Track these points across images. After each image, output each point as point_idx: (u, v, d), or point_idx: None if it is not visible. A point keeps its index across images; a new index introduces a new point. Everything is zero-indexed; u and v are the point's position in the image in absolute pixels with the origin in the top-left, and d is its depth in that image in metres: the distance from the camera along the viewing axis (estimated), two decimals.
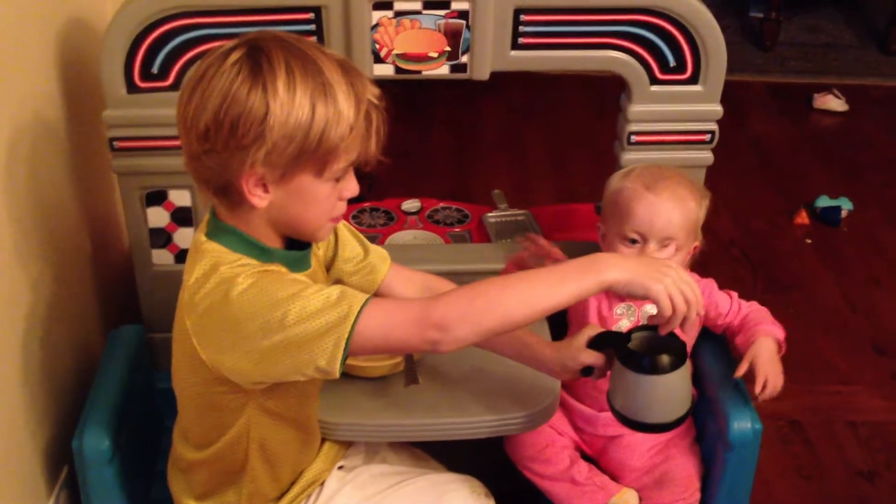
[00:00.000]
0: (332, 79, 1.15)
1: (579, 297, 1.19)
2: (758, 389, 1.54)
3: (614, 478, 1.67)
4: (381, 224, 2.12)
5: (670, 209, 1.54)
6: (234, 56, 1.15)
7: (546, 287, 1.19)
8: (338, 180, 1.21)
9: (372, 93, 1.19)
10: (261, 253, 1.23)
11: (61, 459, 1.69)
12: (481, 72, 1.62)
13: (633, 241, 1.56)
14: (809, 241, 2.94)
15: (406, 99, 3.51)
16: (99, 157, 1.86)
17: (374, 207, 2.19)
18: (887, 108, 3.75)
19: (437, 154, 3.33)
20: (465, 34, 1.58)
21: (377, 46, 1.58)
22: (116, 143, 1.62)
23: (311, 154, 1.15)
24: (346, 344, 1.16)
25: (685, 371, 1.29)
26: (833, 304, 2.69)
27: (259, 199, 1.18)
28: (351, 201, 1.28)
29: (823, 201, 3.04)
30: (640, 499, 1.64)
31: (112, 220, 2.01)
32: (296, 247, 1.29)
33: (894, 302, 2.69)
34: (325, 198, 1.21)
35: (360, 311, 1.16)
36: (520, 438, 1.63)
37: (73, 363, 1.78)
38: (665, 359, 1.26)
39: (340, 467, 1.51)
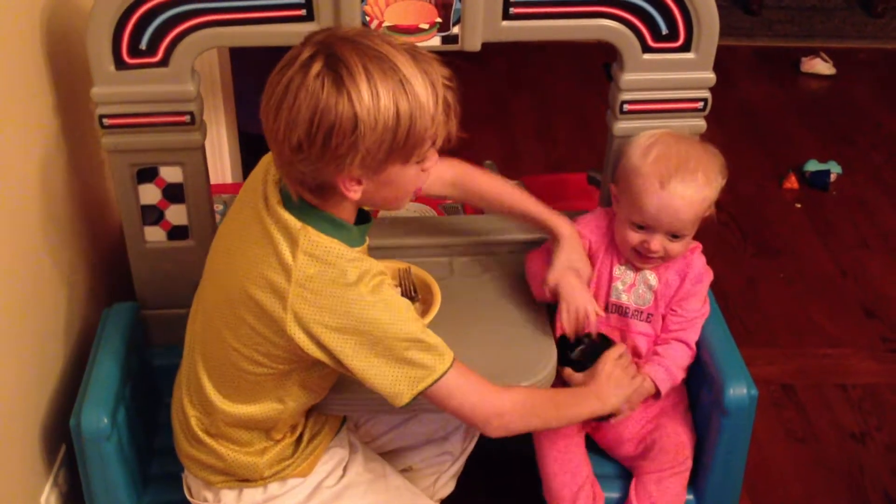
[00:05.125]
0: (408, 73, 1.19)
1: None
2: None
3: (610, 450, 1.69)
4: None
5: (679, 208, 1.53)
6: (315, 68, 1.18)
7: (576, 413, 1.50)
8: (422, 160, 1.28)
9: (443, 75, 1.24)
10: (346, 232, 1.30)
11: (59, 438, 1.69)
12: (473, 43, 1.61)
13: (641, 227, 1.57)
14: (799, 206, 2.95)
15: None
16: (89, 134, 1.85)
17: None
18: (874, 70, 3.75)
19: None
20: (456, 5, 1.57)
21: (367, 19, 1.57)
22: (106, 121, 1.60)
23: (400, 149, 1.22)
24: (419, 392, 1.30)
25: None
26: (823, 267, 2.70)
27: (354, 192, 1.25)
28: None
29: (812, 165, 3.05)
30: (633, 469, 1.66)
31: (103, 197, 2.00)
32: (361, 220, 1.36)
33: (884, 265, 2.71)
34: (412, 179, 1.29)
35: (444, 373, 1.30)
36: None
37: (68, 341, 1.77)
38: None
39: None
